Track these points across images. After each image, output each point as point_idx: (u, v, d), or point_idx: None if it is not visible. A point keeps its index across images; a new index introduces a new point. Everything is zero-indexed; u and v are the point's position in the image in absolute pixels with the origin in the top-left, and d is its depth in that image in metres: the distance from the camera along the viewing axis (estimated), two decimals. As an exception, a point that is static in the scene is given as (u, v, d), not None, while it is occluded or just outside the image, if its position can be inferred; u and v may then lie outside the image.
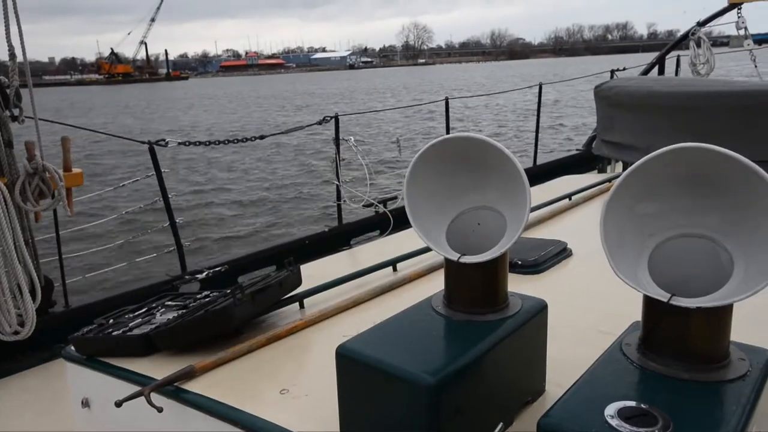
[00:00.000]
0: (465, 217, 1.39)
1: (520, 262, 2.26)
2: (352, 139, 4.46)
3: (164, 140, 3.71)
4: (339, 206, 4.69)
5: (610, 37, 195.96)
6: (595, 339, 1.41)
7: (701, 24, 6.73)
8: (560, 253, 2.39)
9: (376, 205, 4.52)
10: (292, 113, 32.28)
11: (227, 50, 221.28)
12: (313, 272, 2.31)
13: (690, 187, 1.07)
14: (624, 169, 3.32)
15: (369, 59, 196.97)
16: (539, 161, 6.70)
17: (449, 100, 5.48)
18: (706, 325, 1.03)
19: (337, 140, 4.41)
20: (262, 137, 4.30)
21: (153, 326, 1.83)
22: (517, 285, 2.17)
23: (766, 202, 0.95)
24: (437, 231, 1.36)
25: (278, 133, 5.21)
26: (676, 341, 1.05)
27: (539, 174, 5.70)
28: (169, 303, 2.10)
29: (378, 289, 2.17)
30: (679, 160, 1.03)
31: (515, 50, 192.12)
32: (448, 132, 5.77)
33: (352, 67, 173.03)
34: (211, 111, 38.12)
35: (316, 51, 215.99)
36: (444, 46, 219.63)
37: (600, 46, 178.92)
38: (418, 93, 44.44)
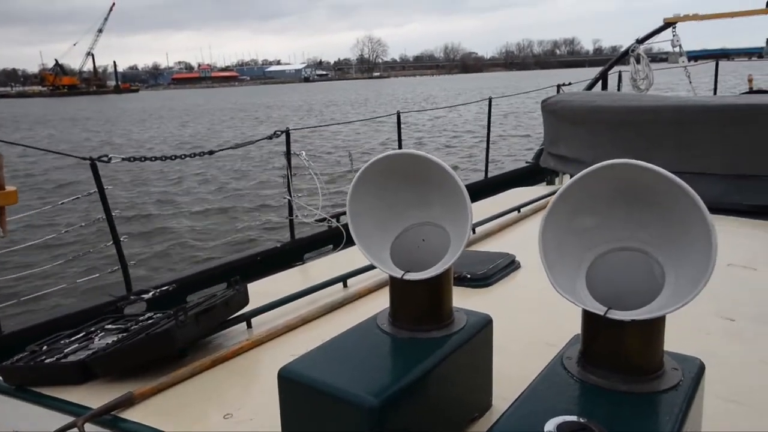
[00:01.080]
0: (409, 234, 1.39)
1: (469, 276, 2.28)
2: (304, 154, 4.43)
3: (107, 156, 3.59)
4: (291, 221, 4.65)
5: (558, 52, 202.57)
6: (543, 351, 1.43)
7: (640, 41, 7.03)
8: (509, 265, 2.42)
9: (329, 220, 4.50)
10: (254, 126, 31.81)
11: (179, 62, 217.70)
12: (263, 289, 2.27)
13: (624, 202, 1.10)
14: (570, 181, 3.42)
15: (324, 72, 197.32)
16: (491, 173, 6.83)
17: (401, 114, 5.52)
18: (641, 337, 1.06)
19: (288, 155, 4.38)
20: (211, 152, 4.22)
21: (90, 352, 1.75)
22: (466, 299, 2.19)
23: (692, 216, 0.98)
24: (381, 248, 1.36)
25: (227, 148, 5.13)
26: (614, 354, 1.07)
27: (490, 186, 5.80)
28: (109, 326, 2.01)
29: (328, 306, 2.15)
30: (612, 176, 1.06)
31: (468, 64, 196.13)
32: (400, 146, 5.81)
33: (307, 80, 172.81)
34: (166, 123, 37.24)
35: (271, 64, 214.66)
36: (398, 60, 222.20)
37: (549, 61, 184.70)
38: (377, 105, 44.64)
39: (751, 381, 1.49)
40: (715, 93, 9.23)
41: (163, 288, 3.12)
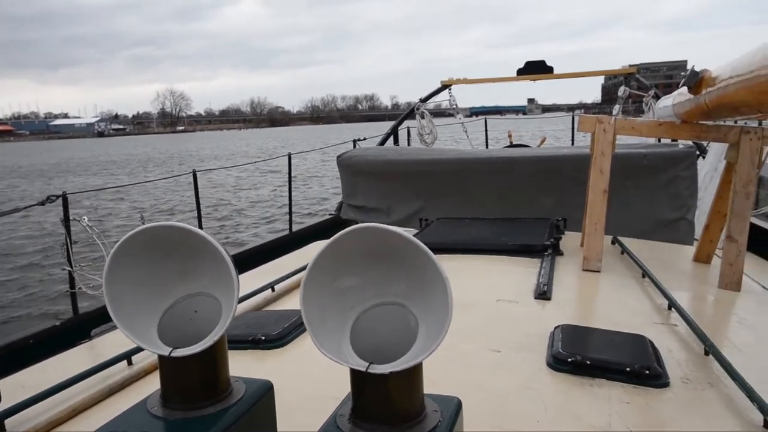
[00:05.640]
0: (179, 307, 1.32)
1: (263, 338, 2.24)
2: (85, 219, 4.03)
3: None
4: (73, 294, 4.15)
5: (360, 106, 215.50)
6: (333, 409, 1.44)
7: (423, 100, 7.84)
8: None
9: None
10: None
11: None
12: (32, 380, 1.97)
13: (379, 260, 1.18)
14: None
15: (121, 126, 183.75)
16: (295, 228, 6.89)
17: (197, 173, 5.35)
18: (402, 387, 1.13)
19: (66, 221, 3.94)
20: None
21: None
22: (262, 361, 2.15)
23: (430, 270, 1.09)
24: (148, 326, 1.27)
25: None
26: (380, 406, 1.12)
27: (295, 240, 5.85)
28: None
29: (105, 391, 1.93)
30: (364, 238, 1.13)
31: (276, 118, 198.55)
32: (198, 205, 5.60)
33: (101, 134, 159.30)
34: None
35: (57, 117, 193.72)
36: (204, 114, 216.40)
37: (353, 115, 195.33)
38: (196, 161, 42.49)
39: (512, 408, 1.67)
40: (486, 146, 10.58)
41: None
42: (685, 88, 3.06)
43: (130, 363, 2.18)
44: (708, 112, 2.94)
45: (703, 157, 5.89)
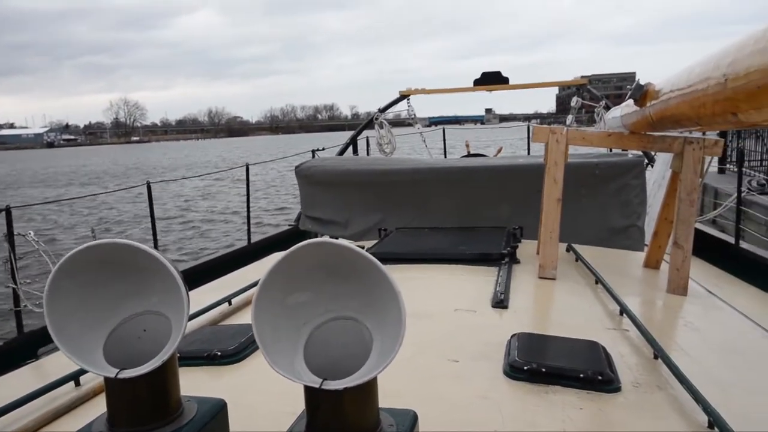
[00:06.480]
0: (127, 326, 1.28)
1: (219, 353, 2.19)
2: (31, 233, 3.87)
3: None
4: (18, 312, 3.97)
5: (320, 116, 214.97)
6: (289, 424, 1.42)
7: (381, 110, 7.89)
8: None
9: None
10: None
11: None
12: None
13: (332, 275, 1.17)
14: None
15: (72, 137, 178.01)
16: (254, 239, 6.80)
17: (150, 184, 5.23)
18: (357, 402, 1.12)
19: (10, 236, 3.77)
20: None
21: None
22: (218, 378, 2.10)
23: (383, 284, 1.09)
24: (93, 347, 1.22)
25: None
26: (335, 422, 1.11)
27: (254, 252, 5.76)
28: None
29: (51, 414, 1.85)
30: (316, 253, 1.12)
31: (234, 128, 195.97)
32: (152, 218, 5.47)
33: (51, 145, 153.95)
34: None
35: (2, 127, 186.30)
36: (160, 124, 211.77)
37: (312, 125, 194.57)
38: (170, 172, 41.35)
39: (469, 418, 1.68)
40: (445, 155, 10.72)
41: None
42: (632, 100, 3.17)
43: (77, 384, 2.10)
44: (653, 124, 3.05)
45: (652, 166, 6.11)
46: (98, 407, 1.93)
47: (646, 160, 5.29)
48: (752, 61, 1.69)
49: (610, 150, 5.80)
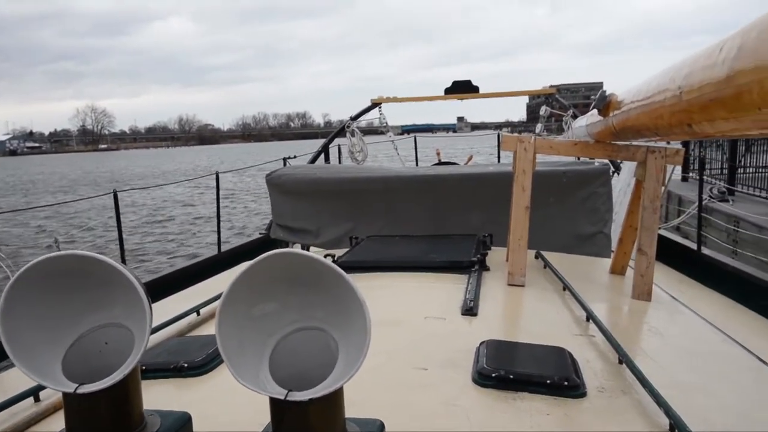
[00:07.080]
0: (88, 339, 1.25)
1: (186, 365, 2.16)
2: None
3: None
4: None
5: (292, 124, 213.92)
6: None
7: (353, 118, 7.90)
8: None
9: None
10: None
11: None
12: None
13: (297, 286, 1.17)
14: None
15: (37, 144, 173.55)
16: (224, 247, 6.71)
17: (117, 193, 5.13)
18: (323, 412, 1.11)
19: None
20: None
21: None
22: (183, 390, 2.06)
23: (349, 294, 1.09)
24: (51, 362, 1.19)
25: None
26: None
27: (225, 260, 5.70)
28: None
29: (10, 430, 1.80)
30: (281, 263, 1.12)
31: (205, 135, 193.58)
32: (119, 228, 5.36)
33: (14, 153, 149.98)
34: None
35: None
36: (129, 131, 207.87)
37: (285, 133, 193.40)
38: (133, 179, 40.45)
39: (437, 426, 1.68)
40: (417, 163, 10.78)
41: None
42: (596, 110, 3.24)
43: (37, 399, 2.04)
44: (616, 134, 3.13)
45: (618, 174, 6.25)
46: (58, 423, 1.88)
47: (612, 168, 5.41)
48: (705, 74, 1.75)
49: (578, 158, 5.92)
